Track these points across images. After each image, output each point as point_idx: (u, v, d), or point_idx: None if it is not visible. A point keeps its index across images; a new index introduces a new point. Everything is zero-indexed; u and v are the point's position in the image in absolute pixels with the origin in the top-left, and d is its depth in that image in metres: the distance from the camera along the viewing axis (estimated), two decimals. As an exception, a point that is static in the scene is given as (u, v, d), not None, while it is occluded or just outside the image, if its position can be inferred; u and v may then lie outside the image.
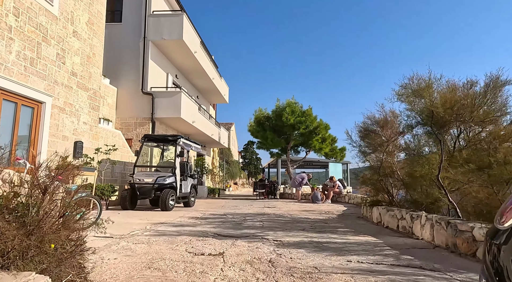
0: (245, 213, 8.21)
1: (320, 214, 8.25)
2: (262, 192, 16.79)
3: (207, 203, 11.80)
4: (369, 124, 6.47)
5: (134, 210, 8.21)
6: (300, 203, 12.75)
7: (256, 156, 63.35)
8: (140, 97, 12.54)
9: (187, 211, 8.27)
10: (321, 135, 15.50)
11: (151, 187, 8.04)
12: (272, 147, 16.62)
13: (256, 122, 16.30)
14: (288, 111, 14.52)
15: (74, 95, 7.88)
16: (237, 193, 31.57)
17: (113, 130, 9.78)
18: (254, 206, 10.99)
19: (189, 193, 9.61)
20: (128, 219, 6.31)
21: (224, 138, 21.36)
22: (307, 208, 10.18)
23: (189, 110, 13.52)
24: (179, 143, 8.80)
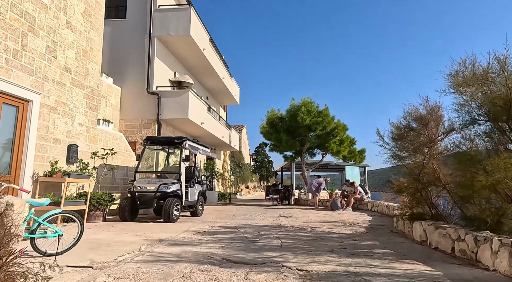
0: (258, 225, 7.22)
1: (345, 226, 7.18)
2: (275, 198, 15.76)
3: (216, 211, 10.86)
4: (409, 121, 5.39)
5: (135, 221, 7.33)
6: (318, 211, 11.66)
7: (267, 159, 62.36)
8: (145, 97, 11.75)
9: (193, 223, 7.34)
10: (339, 136, 14.37)
11: (153, 195, 7.15)
12: (286, 150, 15.57)
13: (268, 123, 15.31)
14: (304, 111, 13.48)
15: (68, 93, 7.08)
16: (249, 198, 30.60)
17: (114, 132, 8.96)
18: (268, 215, 9.98)
19: (196, 201, 8.69)
20: (122, 235, 5.40)
21: (235, 140, 20.46)
22: (328, 218, 9.11)
23: (197, 110, 12.66)
24: (185, 146, 7.91)
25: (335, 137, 14.12)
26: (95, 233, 5.39)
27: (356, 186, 12.50)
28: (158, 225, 6.73)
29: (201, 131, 14.19)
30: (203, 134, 14.98)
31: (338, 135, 14.16)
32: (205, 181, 10.01)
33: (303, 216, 9.69)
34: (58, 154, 6.72)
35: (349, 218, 9.29)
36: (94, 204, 6.85)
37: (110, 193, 7.37)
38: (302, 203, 15.97)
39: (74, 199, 6.56)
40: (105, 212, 7.18)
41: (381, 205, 11.16)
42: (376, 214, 10.56)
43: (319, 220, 8.48)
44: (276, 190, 16.21)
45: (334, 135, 14.06)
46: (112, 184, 8.67)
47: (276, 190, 16.27)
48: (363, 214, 10.58)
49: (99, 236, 5.15)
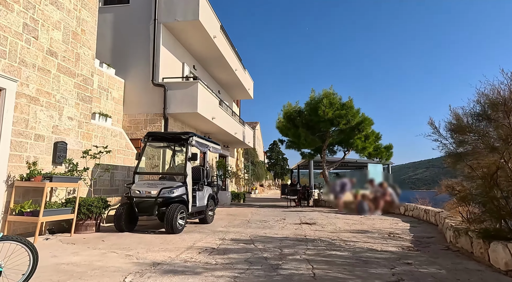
0: (278, 236, 6.00)
1: (385, 239, 5.87)
2: (293, 199, 14.50)
3: (229, 216, 9.71)
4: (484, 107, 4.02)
5: (133, 231, 6.24)
6: (343, 215, 10.34)
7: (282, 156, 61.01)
8: (151, 90, 10.69)
9: (201, 233, 6.19)
10: (365, 132, 12.94)
11: (154, 201, 6.04)
12: (305, 147, 14.25)
13: (286, 118, 14.02)
14: (326, 103, 12.12)
15: (54, 82, 6.03)
16: (264, 197, 29.42)
17: (113, 128, 7.91)
18: (287, 220, 8.75)
19: (205, 206, 7.55)
20: (108, 255, 4.28)
21: (249, 137, 19.28)
22: (358, 225, 7.80)
23: (207, 104, 11.51)
24: (191, 143, 6.76)
25: (361, 132, 12.70)
26: (75, 253, 4.30)
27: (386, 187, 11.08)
28: (159, 238, 5.61)
29: (212, 127, 13.06)
30: (215, 130, 13.86)
31: (364, 130, 12.73)
32: (216, 182, 8.85)
33: (328, 222, 8.41)
34: (42, 153, 5.68)
35: (383, 225, 7.95)
36: (84, 212, 5.79)
37: (104, 198, 6.30)
38: (322, 204, 14.65)
39: (59, 206, 5.52)
40: (98, 221, 6.11)
41: (417, 209, 9.74)
42: (412, 220, 9.17)
43: (349, 229, 7.19)
44: (294, 190, 14.94)
45: (360, 130, 12.63)
46: (111, 186, 7.63)
47: (294, 191, 15.00)
48: (397, 220, 9.21)
49: (76, 258, 4.05)
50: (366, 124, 12.67)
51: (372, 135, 13.92)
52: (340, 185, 11.95)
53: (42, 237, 5.33)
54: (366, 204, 10.98)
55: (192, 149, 7.21)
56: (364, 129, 12.67)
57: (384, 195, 11.11)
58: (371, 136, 13.83)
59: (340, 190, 11.96)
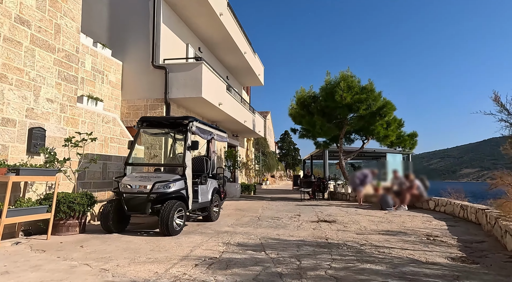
0: (295, 240, 4.99)
1: (425, 244, 4.80)
2: (307, 191, 13.46)
3: (238, 211, 8.76)
4: None
5: (124, 232, 5.34)
6: (365, 211, 9.25)
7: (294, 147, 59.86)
8: (151, 72, 9.71)
9: (202, 235, 5.24)
10: (387, 118, 11.71)
11: (146, 197, 5.10)
12: (320, 136, 13.10)
13: (299, 104, 12.87)
14: (343, 86, 10.91)
15: (27, 56, 5.09)
16: (275, 188, 28.48)
17: (105, 113, 6.98)
18: (303, 217, 7.74)
19: (210, 201, 6.59)
20: (77, 271, 3.34)
21: (260, 126, 18.23)
22: (386, 224, 6.71)
23: (213, 88, 10.47)
24: (191, 129, 5.75)
25: (383, 118, 11.47)
26: (35, 267, 3.38)
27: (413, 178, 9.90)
28: (150, 242, 4.67)
29: (219, 114, 12.06)
30: (223, 118, 12.85)
31: (387, 116, 11.49)
32: (222, 175, 7.89)
33: (350, 220, 7.35)
34: (12, 140, 4.78)
35: (415, 224, 6.84)
36: (64, 210, 4.90)
37: (89, 193, 5.40)
38: (339, 197, 13.57)
39: (33, 204, 4.63)
40: (83, 221, 5.22)
41: (450, 204, 8.56)
42: (446, 217, 8.01)
43: (377, 229, 6.12)
44: (308, 182, 13.89)
45: (382, 115, 11.40)
46: (103, 180, 6.74)
47: (308, 183, 13.96)
48: (428, 217, 8.07)
49: (33, 275, 3.13)
50: (389, 109, 11.42)
51: (394, 122, 12.67)
52: (360, 177, 10.85)
53: (12, 241, 4.47)
54: (390, 198, 9.86)
55: (194, 136, 6.23)
56: (386, 115, 11.44)
57: (411, 188, 9.95)
58: (392, 123, 12.59)
59: (360, 183, 10.86)
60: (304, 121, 12.57)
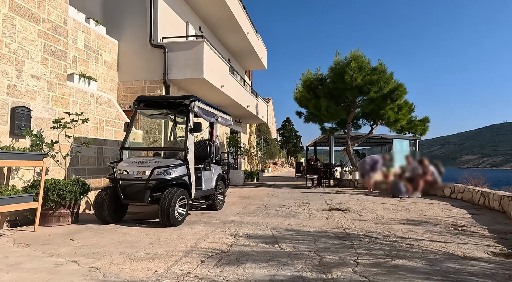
0: (310, 231, 4.52)
1: (455, 236, 4.31)
2: (313, 178, 12.98)
3: (243, 199, 8.29)
4: None
5: (120, 222, 4.86)
6: (376, 198, 8.78)
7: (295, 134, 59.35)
8: (149, 52, 9.07)
9: (207, 225, 4.77)
10: (399, 101, 11.10)
11: (144, 184, 4.59)
12: (328, 120, 12.49)
13: (305, 87, 12.24)
14: (354, 66, 10.25)
15: (6, 25, 4.48)
16: (277, 175, 28.10)
17: (99, 94, 6.41)
18: (312, 205, 7.26)
19: (214, 189, 6.09)
20: (62, 270, 2.84)
21: (263, 111, 17.63)
22: (404, 212, 6.23)
23: (215, 69, 9.84)
24: (193, 109, 5.19)
25: (394, 101, 10.86)
26: (13, 265, 2.89)
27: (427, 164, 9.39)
28: (150, 234, 4.19)
29: (222, 98, 11.46)
30: (225, 102, 12.25)
31: (398, 99, 10.89)
32: (226, 161, 7.38)
33: (364, 208, 6.87)
34: (-8, 121, 4.24)
35: (435, 212, 6.36)
36: (54, 198, 4.41)
37: (81, 180, 4.89)
38: (346, 184, 13.11)
39: (18, 192, 4.13)
40: (75, 210, 4.73)
41: (469, 191, 8.06)
42: (465, 205, 7.53)
43: (396, 219, 5.63)
44: (314, 169, 13.40)
45: (393, 98, 10.79)
46: (99, 165, 6.23)
47: (314, 169, 13.47)
48: (445, 204, 7.59)
49: (8, 276, 2.64)
50: (400, 91, 10.80)
51: (406, 105, 12.06)
52: (370, 163, 10.34)
53: None
54: (402, 185, 9.38)
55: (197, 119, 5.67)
56: (398, 98, 10.83)
57: (424, 174, 9.46)
58: (404, 107, 11.98)
59: (371, 169, 10.36)
60: (310, 105, 11.96)
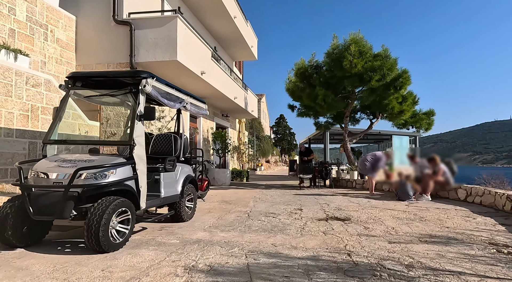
0: (300, 257, 3.19)
1: (506, 265, 3.03)
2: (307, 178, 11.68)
3: (223, 203, 6.95)
4: None
5: (35, 246, 3.48)
6: (380, 202, 7.50)
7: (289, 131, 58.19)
8: (113, 30, 7.66)
9: (157, 249, 3.41)
10: (403, 90, 9.84)
11: (63, 194, 3.20)
12: (324, 113, 11.15)
13: (298, 76, 10.92)
14: (354, 51, 8.95)
15: None
16: (270, 174, 26.83)
17: (31, 73, 4.98)
18: (306, 212, 5.96)
19: (179, 195, 4.73)
20: None
21: (253, 105, 16.28)
22: (417, 222, 4.95)
23: (193, 51, 8.45)
24: (145, 89, 3.81)
25: (398, 90, 9.59)
26: None
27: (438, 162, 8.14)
28: (61, 270, 2.82)
29: (204, 88, 10.08)
30: (208, 93, 10.88)
31: (403, 88, 9.62)
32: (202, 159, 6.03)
33: (369, 217, 5.58)
34: None
35: (457, 222, 5.09)
36: None
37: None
38: (343, 184, 11.85)
39: None
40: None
41: (490, 194, 6.83)
42: (487, 210, 6.29)
43: (412, 233, 4.34)
44: (307, 168, 12.10)
45: (397, 87, 9.52)
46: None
47: (308, 169, 12.18)
48: (463, 210, 6.34)
49: None
50: (405, 79, 9.52)
51: (410, 96, 10.82)
52: (371, 161, 9.06)
53: None
54: (409, 186, 8.13)
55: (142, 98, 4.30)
56: (402, 87, 9.56)
57: (435, 174, 8.22)
58: (408, 97, 10.74)
59: (372, 167, 9.09)
60: (304, 96, 10.63)
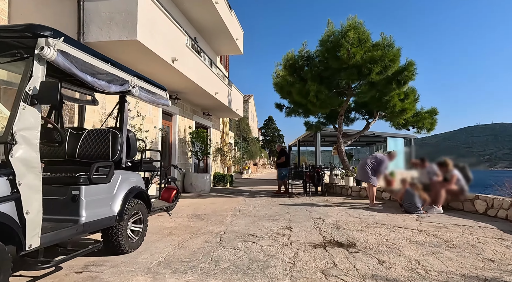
0: None
1: None
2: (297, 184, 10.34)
3: (192, 219, 5.49)
4: None
5: None
6: (383, 214, 6.18)
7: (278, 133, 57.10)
8: (57, 2, 6.14)
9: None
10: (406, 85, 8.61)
11: None
12: (317, 110, 9.73)
13: (287, 68, 9.57)
14: (352, 38, 7.67)
15: None
16: (258, 177, 25.49)
17: None
18: (296, 233, 4.58)
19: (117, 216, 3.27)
20: None
21: (238, 103, 14.88)
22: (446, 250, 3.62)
23: (162, 33, 6.99)
24: (44, 53, 2.38)
25: (402, 85, 8.36)
26: None
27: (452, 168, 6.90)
28: None
29: (177, 79, 8.62)
30: (183, 85, 9.42)
31: (408, 82, 8.40)
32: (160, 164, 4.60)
33: (378, 240, 4.23)
34: None
35: (500, 250, 3.79)
36: None
37: None
38: (337, 191, 10.54)
39: None
40: None
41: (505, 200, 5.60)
42: None
43: (449, 272, 3.01)
44: (297, 172, 10.77)
45: (400, 81, 8.29)
46: None
47: (297, 173, 10.85)
48: (492, 228, 5.08)
49: None
50: (410, 73, 8.30)
51: (411, 93, 9.62)
52: (373, 165, 7.77)
53: None
54: (417, 197, 6.86)
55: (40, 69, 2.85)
56: (406, 81, 8.33)
57: (447, 181, 6.99)
58: (410, 94, 9.54)
59: (374, 173, 7.79)
60: (294, 91, 9.27)
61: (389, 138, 16.74)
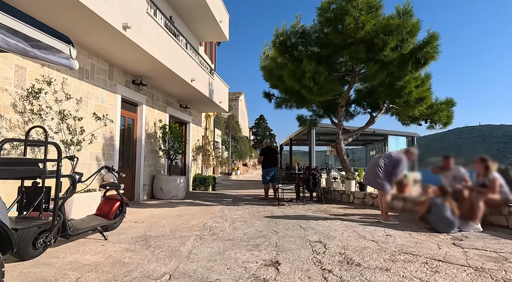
0: None
1: None
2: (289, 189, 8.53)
3: (134, 245, 3.65)
4: None
5: None
6: (406, 236, 4.41)
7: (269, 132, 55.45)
8: None
9: None
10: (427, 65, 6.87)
11: None
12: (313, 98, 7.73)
13: (278, 47, 7.76)
14: (361, 2, 5.93)
15: None
16: (246, 178, 23.66)
17: None
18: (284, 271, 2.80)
19: None
20: None
21: (222, 95, 13.04)
22: None
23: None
24: None
25: (423, 65, 6.64)
26: None
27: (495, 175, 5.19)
28: None
29: (137, 56, 6.76)
30: (149, 68, 7.57)
31: (428, 62, 6.68)
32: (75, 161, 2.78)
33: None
34: None
35: None
36: None
37: None
38: (336, 198, 8.79)
39: None
40: None
41: None
42: None
43: None
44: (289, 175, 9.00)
45: (420, 61, 6.56)
46: None
47: (289, 176, 9.08)
48: None
49: None
50: (433, 49, 6.57)
51: (427, 79, 7.94)
52: (386, 167, 6.04)
53: None
54: (449, 210, 5.14)
55: None
56: (429, 60, 6.60)
57: (486, 189, 5.29)
58: (425, 81, 7.86)
59: (388, 178, 6.06)
60: (285, 73, 7.43)
61: (390, 136, 15.11)
